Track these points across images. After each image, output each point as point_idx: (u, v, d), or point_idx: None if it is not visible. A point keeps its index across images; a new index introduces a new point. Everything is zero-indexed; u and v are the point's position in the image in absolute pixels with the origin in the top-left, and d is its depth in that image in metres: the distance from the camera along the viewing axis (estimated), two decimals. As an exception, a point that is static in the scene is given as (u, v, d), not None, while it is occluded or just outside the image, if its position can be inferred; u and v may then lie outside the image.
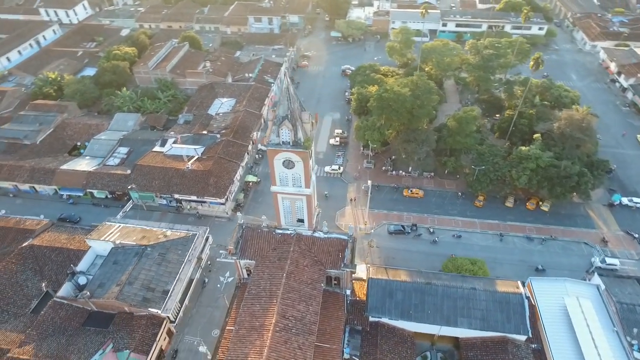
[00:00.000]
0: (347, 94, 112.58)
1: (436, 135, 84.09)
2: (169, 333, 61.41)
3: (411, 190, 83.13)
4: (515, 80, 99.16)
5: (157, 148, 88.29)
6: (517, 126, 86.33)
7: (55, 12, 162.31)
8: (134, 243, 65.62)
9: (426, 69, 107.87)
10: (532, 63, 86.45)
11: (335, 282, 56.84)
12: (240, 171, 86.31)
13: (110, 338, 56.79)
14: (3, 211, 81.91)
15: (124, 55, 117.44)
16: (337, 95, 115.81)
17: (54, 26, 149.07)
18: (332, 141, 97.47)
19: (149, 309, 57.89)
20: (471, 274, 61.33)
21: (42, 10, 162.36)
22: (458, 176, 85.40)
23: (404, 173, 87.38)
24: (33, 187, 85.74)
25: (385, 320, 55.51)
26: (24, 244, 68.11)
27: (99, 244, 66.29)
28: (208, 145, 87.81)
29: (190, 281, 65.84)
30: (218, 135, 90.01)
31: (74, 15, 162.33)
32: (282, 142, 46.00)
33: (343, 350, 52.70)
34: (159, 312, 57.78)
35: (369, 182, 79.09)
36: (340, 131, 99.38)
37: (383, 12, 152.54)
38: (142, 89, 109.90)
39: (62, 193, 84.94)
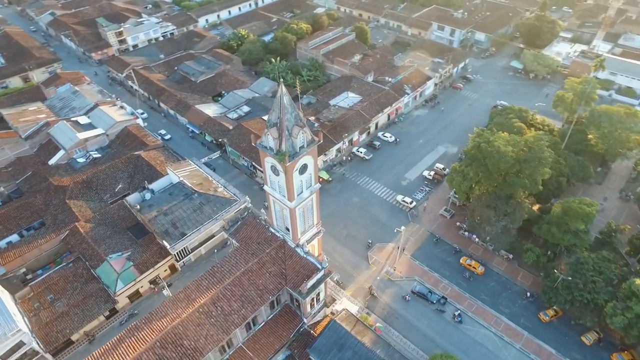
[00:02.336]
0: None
1: (528, 213, 67.41)
2: (173, 268, 70.49)
3: (470, 261, 70.04)
4: None
5: (266, 116, 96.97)
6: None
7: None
8: (190, 185, 75.86)
9: (590, 137, 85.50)
10: None
11: (297, 303, 54.59)
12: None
13: (132, 249, 68.86)
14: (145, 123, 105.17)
15: (297, 30, 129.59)
16: (468, 128, 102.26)
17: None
18: (426, 173, 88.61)
19: (163, 240, 67.43)
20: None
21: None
22: (542, 274, 67.25)
23: (477, 240, 73.82)
24: (176, 114, 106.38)
25: (322, 367, 51.08)
26: (135, 153, 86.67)
27: (172, 175, 79.08)
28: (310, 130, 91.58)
29: (212, 236, 72.85)
30: (316, 124, 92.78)
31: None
32: (270, 147, 45.71)
33: (264, 368, 51.35)
34: (168, 247, 66.71)
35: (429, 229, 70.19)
36: (441, 166, 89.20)
37: (593, 54, 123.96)
38: (294, 63, 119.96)
39: (187, 126, 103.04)
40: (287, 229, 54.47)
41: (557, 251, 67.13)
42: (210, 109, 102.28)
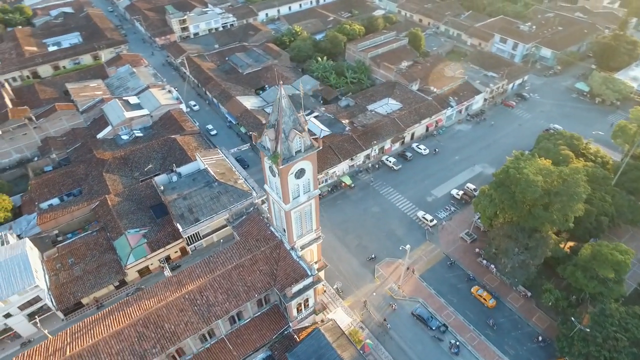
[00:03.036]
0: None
1: (553, 251, 61.59)
2: (184, 251, 73.32)
3: (482, 292, 65.55)
4: None
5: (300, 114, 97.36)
6: None
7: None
8: (213, 174, 78.26)
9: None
10: None
11: (284, 305, 54.36)
12: (341, 167, 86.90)
13: (150, 227, 72.58)
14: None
15: (349, 30, 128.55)
16: (511, 150, 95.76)
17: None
18: (455, 192, 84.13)
19: (177, 223, 70.32)
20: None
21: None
22: (560, 319, 61.27)
23: (495, 271, 68.86)
24: (218, 103, 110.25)
25: (297, 374, 50.64)
26: (171, 136, 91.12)
27: (199, 161, 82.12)
28: (334, 132, 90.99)
29: (225, 226, 74.64)
30: (348, 128, 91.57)
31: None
32: (267, 148, 45.69)
33: (241, 364, 51.89)
34: (180, 229, 69.47)
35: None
36: (472, 187, 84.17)
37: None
38: (339, 64, 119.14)
39: (226, 116, 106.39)
40: (284, 230, 54.32)
41: (581, 297, 60.79)
42: (250, 102, 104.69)
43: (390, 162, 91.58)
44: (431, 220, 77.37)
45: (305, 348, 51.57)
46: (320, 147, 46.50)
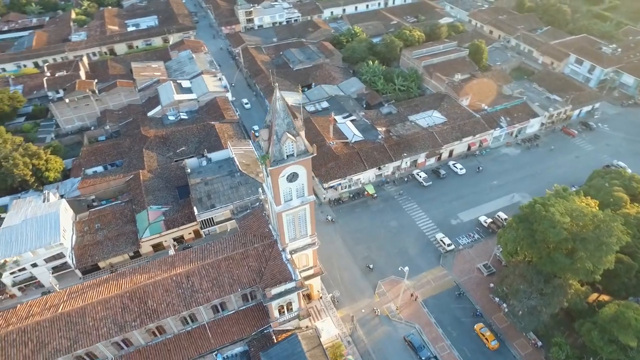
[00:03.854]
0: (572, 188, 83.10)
1: (572, 302, 55.09)
2: (198, 234, 76.25)
3: (486, 331, 60.65)
4: None
5: (339, 116, 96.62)
6: None
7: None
8: (238, 164, 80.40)
9: None
10: None
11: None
12: (367, 175, 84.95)
13: (171, 206, 76.49)
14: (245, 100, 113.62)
15: (408, 36, 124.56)
16: (560, 182, 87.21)
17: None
18: (483, 219, 78.49)
19: (194, 206, 73.32)
20: None
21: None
22: (569, 378, 55.04)
23: (506, 310, 63.28)
24: (264, 95, 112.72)
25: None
26: (211, 122, 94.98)
27: (229, 150, 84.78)
28: (366, 138, 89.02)
29: (239, 216, 76.49)
30: (381, 136, 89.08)
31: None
32: (261, 147, 45.75)
33: (215, 354, 53.04)
34: (196, 213, 72.37)
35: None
36: (504, 217, 77.87)
37: None
38: (390, 70, 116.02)
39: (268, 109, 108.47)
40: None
41: (596, 359, 53.89)
42: (292, 98, 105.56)
43: (420, 177, 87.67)
44: (449, 245, 72.98)
45: (279, 351, 51.37)
46: (314, 154, 45.72)
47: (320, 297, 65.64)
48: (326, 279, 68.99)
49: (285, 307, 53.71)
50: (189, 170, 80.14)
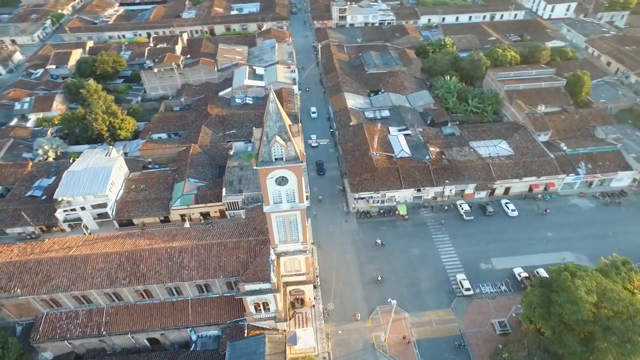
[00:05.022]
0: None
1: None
2: (223, 214, 79.74)
3: (475, 395, 54.21)
4: None
5: (394, 127, 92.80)
6: None
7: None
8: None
9: None
10: None
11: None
12: (403, 194, 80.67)
13: (208, 183, 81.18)
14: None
15: (499, 55, 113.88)
16: (629, 252, 73.17)
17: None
18: (518, 271, 69.44)
19: (223, 187, 76.84)
20: None
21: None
22: None
23: (508, 379, 55.65)
24: (328, 94, 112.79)
25: None
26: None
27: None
28: (413, 156, 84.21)
29: (264, 207, 78.21)
30: (428, 157, 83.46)
31: (542, 11, 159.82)
32: (255, 145, 45.95)
33: (190, 330, 55.63)
34: (223, 194, 75.80)
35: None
36: (544, 275, 67.89)
37: None
38: (465, 89, 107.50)
39: (329, 108, 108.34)
40: (270, 229, 54.49)
41: None
42: (355, 101, 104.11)
43: (462, 208, 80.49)
44: (467, 289, 66.20)
45: (244, 346, 51.97)
46: (304, 162, 44.66)
47: (313, 306, 64.53)
48: (326, 289, 67.62)
49: (261, 306, 53.92)
50: (231, 153, 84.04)
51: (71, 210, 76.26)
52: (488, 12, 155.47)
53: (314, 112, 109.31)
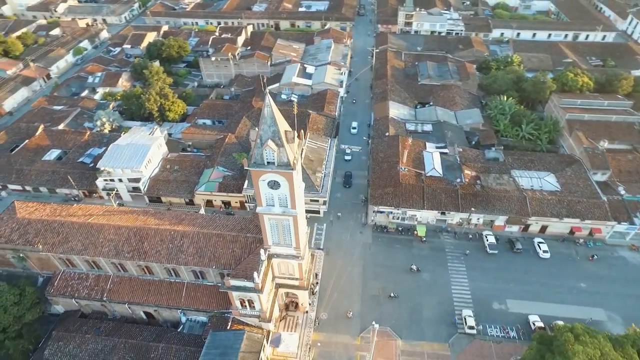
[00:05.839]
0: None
1: None
2: (243, 205, 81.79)
3: None
4: None
5: (431, 144, 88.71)
6: None
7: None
8: (302, 156, 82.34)
9: None
10: None
11: (237, 293, 56.37)
12: (426, 215, 77.02)
13: (235, 173, 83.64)
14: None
15: (569, 80, 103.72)
16: None
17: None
18: (533, 318, 63.21)
19: (246, 179, 78.70)
20: None
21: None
22: None
23: None
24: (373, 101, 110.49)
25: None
26: (309, 110, 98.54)
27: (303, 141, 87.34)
28: (444, 176, 79.81)
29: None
30: (459, 180, 78.57)
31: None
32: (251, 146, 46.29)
33: (180, 312, 58.11)
34: (244, 187, 77.75)
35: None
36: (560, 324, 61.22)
37: None
38: (522, 112, 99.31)
39: (371, 115, 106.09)
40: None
41: None
42: (398, 111, 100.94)
43: (487, 240, 74.98)
44: (471, 327, 61.71)
45: (223, 338, 53.18)
46: (295, 170, 44.25)
47: (307, 312, 64.19)
48: (326, 297, 66.90)
49: (247, 302, 54.69)
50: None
51: (110, 180, 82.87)
52: (571, 30, 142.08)
53: (354, 128, 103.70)
